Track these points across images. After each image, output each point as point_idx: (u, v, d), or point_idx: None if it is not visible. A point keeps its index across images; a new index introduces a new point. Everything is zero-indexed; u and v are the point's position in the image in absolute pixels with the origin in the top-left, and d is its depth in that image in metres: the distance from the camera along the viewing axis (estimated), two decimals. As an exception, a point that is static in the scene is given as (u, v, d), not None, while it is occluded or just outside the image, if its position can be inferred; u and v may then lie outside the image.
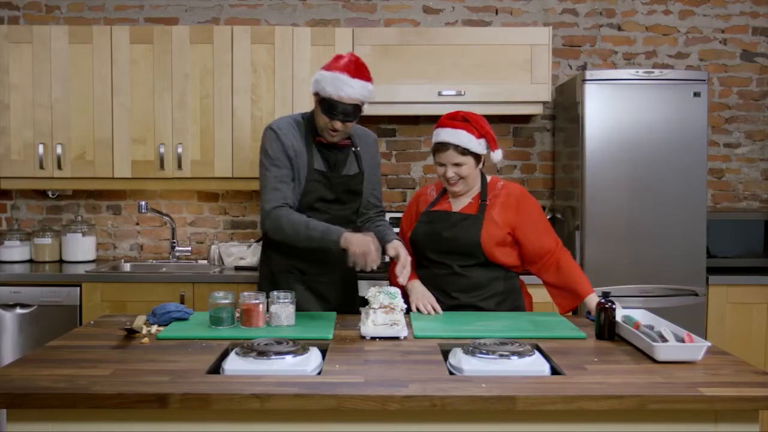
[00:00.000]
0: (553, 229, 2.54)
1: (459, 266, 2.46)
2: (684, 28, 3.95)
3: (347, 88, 2.33)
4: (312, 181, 2.47)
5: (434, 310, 2.41)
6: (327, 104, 2.36)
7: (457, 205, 2.51)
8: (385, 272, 2.84)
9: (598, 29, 3.96)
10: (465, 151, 2.39)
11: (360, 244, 2.20)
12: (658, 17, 3.95)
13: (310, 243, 2.32)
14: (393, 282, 2.49)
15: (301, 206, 2.47)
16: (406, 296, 2.51)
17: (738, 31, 3.95)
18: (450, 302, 2.46)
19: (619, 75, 3.34)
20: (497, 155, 2.47)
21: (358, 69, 2.38)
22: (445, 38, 3.54)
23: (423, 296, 2.46)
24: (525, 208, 2.47)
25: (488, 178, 2.55)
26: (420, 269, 2.56)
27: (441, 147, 2.41)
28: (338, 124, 2.38)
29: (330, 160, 2.51)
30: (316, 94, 2.41)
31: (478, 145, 2.40)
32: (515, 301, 2.52)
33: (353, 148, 2.55)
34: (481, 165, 2.48)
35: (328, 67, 2.39)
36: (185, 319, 2.25)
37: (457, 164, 2.41)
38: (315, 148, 2.49)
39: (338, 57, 2.41)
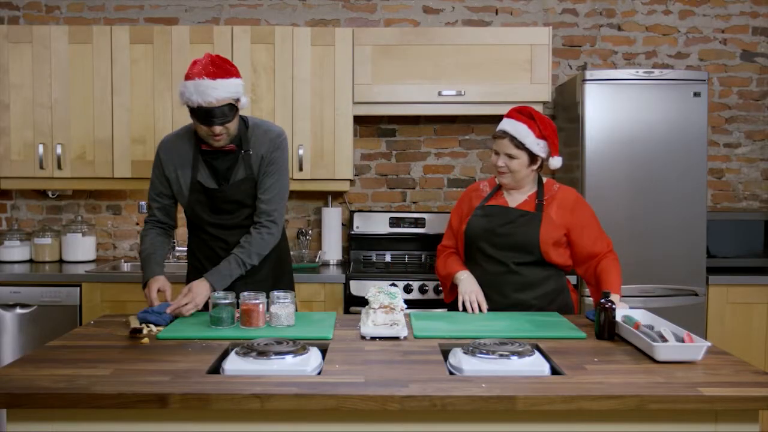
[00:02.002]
0: (602, 231, 2.52)
1: (514, 263, 2.46)
2: (684, 28, 3.95)
3: (211, 91, 2.25)
4: (194, 192, 2.46)
5: (480, 308, 2.41)
6: (199, 113, 2.30)
7: (513, 202, 2.52)
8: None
9: (598, 29, 3.96)
10: (520, 145, 2.40)
11: (148, 290, 2.37)
12: (658, 17, 3.95)
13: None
14: None
15: (187, 216, 2.55)
16: (454, 286, 2.53)
17: (738, 31, 3.95)
18: (505, 301, 2.45)
19: (619, 75, 3.35)
20: (556, 161, 2.47)
21: (218, 68, 2.30)
22: (445, 38, 3.53)
23: (471, 291, 2.44)
24: (580, 212, 2.47)
25: (544, 179, 2.55)
26: (472, 265, 2.54)
27: (498, 135, 2.45)
28: (218, 128, 2.32)
29: (216, 169, 2.45)
30: (188, 107, 2.33)
31: (535, 144, 2.40)
32: (565, 299, 2.53)
33: (242, 151, 2.46)
34: (536, 166, 2.47)
35: (187, 76, 2.30)
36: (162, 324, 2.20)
37: (509, 155, 2.42)
38: (201, 159, 2.45)
39: (195, 62, 2.32)
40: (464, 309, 2.42)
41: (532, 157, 2.43)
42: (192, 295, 2.30)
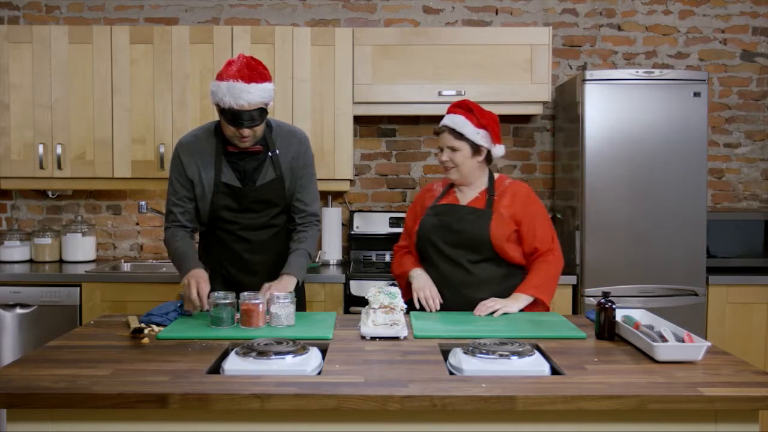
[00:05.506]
0: (553, 231, 2.53)
1: (468, 261, 2.46)
2: (684, 28, 3.95)
3: (245, 95, 2.24)
4: (218, 194, 2.44)
5: (434, 305, 2.43)
6: (229, 114, 2.28)
7: (464, 199, 2.53)
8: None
9: (598, 29, 3.96)
10: (460, 136, 2.43)
11: (188, 286, 2.30)
12: (658, 17, 3.95)
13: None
14: None
15: (210, 216, 2.49)
16: (410, 284, 2.52)
17: (738, 31, 3.95)
18: (460, 300, 2.44)
19: (619, 75, 3.34)
20: (498, 150, 2.49)
21: (253, 71, 2.28)
22: (445, 38, 3.53)
23: (424, 287, 2.46)
24: (531, 206, 2.49)
25: (495, 175, 2.56)
26: (427, 265, 2.55)
27: (440, 130, 2.49)
28: (246, 131, 2.32)
29: (242, 170, 2.44)
30: (217, 105, 2.32)
31: (475, 133, 2.43)
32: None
33: (269, 153, 2.46)
34: (481, 158, 2.48)
35: (221, 76, 2.28)
36: (164, 325, 2.20)
37: (452, 148, 2.45)
38: (225, 159, 2.44)
39: (230, 62, 2.30)
40: (420, 306, 2.45)
41: (475, 148, 2.45)
42: (282, 287, 2.30)
